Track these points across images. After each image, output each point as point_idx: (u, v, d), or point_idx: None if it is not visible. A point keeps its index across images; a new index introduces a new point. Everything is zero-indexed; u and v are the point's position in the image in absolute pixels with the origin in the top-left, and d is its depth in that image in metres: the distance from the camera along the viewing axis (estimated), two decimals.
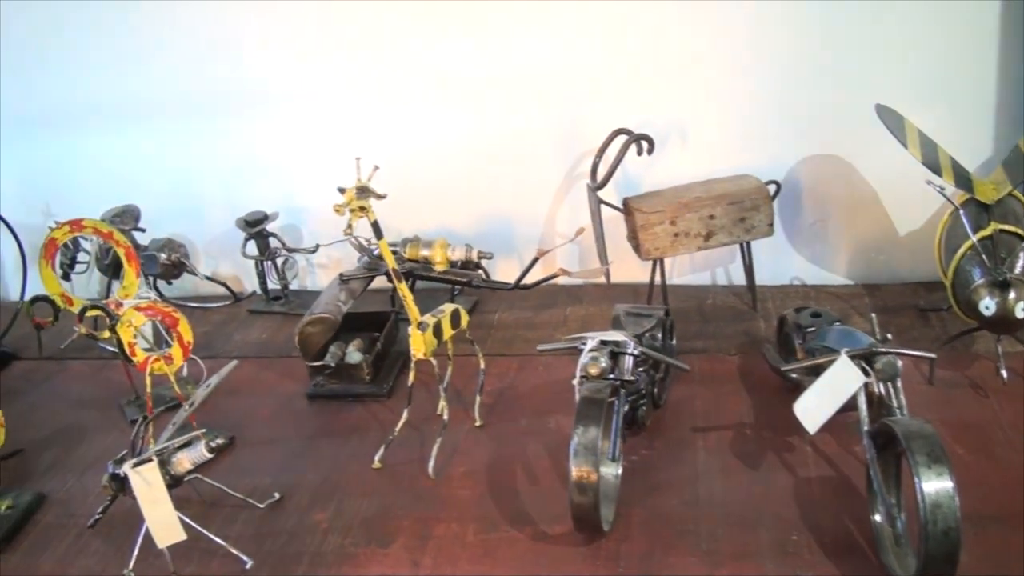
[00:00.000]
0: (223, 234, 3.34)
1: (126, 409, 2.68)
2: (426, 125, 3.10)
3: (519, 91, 3.02)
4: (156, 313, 2.36)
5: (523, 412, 2.52)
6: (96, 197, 3.37)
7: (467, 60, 3.00)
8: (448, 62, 3.02)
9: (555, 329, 2.93)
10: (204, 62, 3.16)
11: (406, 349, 2.78)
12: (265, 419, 2.58)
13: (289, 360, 2.87)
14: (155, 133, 3.29)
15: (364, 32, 3.04)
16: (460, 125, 3.08)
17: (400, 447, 2.37)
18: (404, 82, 3.08)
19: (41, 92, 3.33)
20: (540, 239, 3.15)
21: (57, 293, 2.57)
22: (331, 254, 3.27)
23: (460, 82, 3.04)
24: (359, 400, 2.64)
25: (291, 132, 3.20)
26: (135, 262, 2.54)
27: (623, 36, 2.92)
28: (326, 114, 3.15)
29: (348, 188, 2.17)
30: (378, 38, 3.04)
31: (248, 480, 2.31)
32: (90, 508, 2.29)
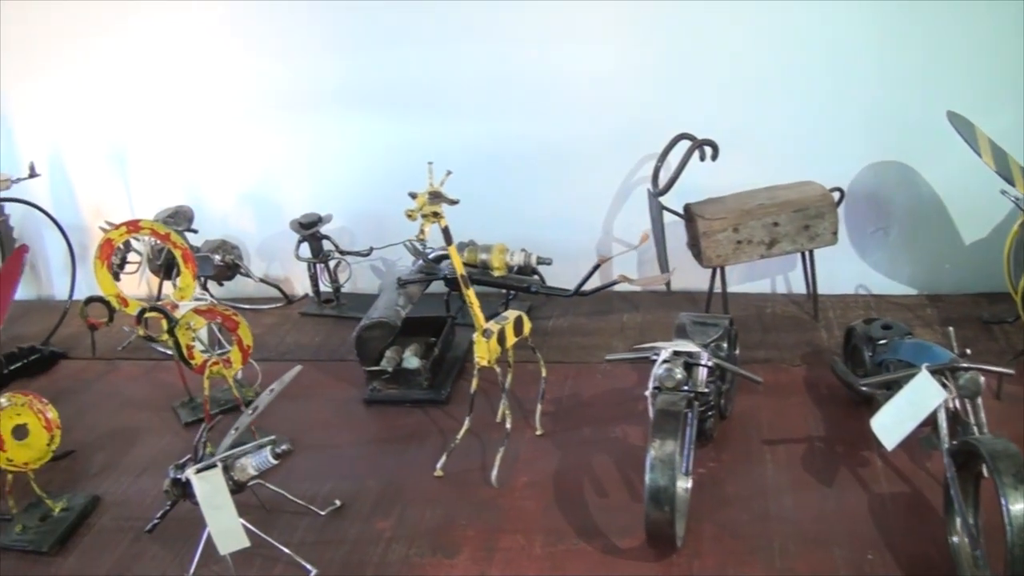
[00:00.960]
0: (274, 236, 3.32)
1: (179, 411, 2.65)
2: (483, 129, 3.06)
3: (578, 95, 2.98)
4: (216, 316, 2.33)
5: (585, 421, 2.47)
6: (145, 197, 3.39)
7: (526, 64, 2.97)
8: (507, 67, 2.99)
9: (612, 336, 2.89)
10: (259, 64, 3.15)
11: (462, 354, 2.79)
12: (322, 424, 2.55)
13: (343, 364, 2.84)
14: (204, 135, 3.28)
15: (422, 37, 3.01)
16: (518, 129, 3.04)
17: (460, 455, 2.33)
18: (460, 86, 3.05)
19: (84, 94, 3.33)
20: (597, 245, 3.11)
21: (112, 294, 2.54)
22: (385, 257, 3.24)
23: (519, 86, 3.00)
24: (417, 406, 2.60)
25: (347, 135, 3.17)
26: (192, 264, 2.51)
27: (684, 40, 2.88)
28: (382, 117, 3.12)
29: (420, 193, 2.13)
30: (436, 43, 3.01)
31: (308, 486, 2.27)
32: (146, 511, 2.27)
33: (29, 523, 2.26)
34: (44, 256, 3.55)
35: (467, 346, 2.81)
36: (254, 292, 3.28)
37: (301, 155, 3.24)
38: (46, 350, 2.75)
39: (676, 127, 2.81)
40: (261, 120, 3.21)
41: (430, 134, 3.08)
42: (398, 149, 3.13)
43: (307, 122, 3.19)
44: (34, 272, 3.54)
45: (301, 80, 3.13)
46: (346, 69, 3.10)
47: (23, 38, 3.30)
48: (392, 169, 3.15)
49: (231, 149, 3.27)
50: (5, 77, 3.37)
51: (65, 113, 3.36)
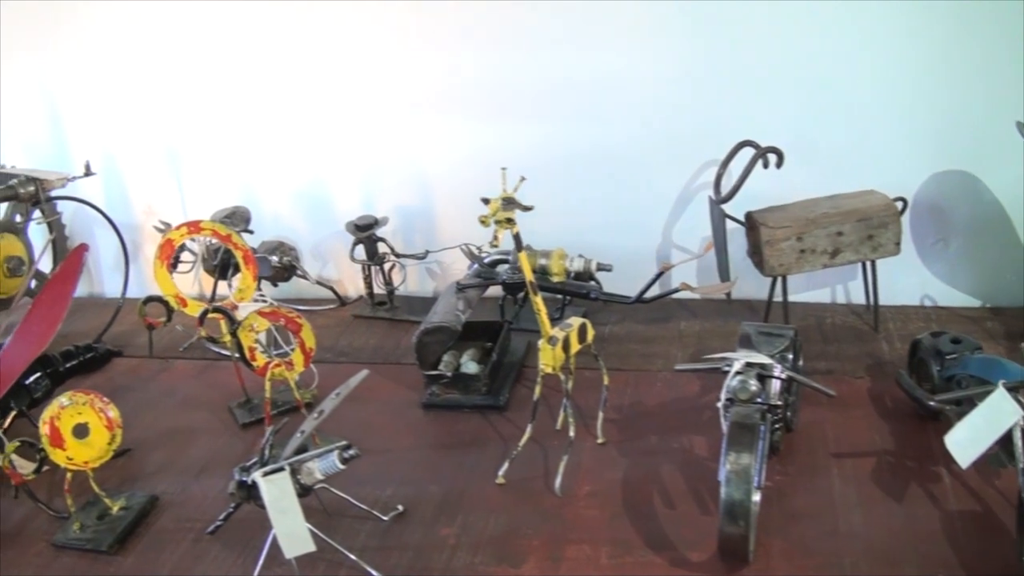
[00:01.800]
0: (327, 237, 3.31)
1: (236, 412, 2.64)
2: (541, 133, 3.03)
3: (638, 99, 2.95)
4: (279, 318, 2.32)
5: (647, 430, 2.44)
6: (198, 197, 3.39)
7: (585, 68, 2.94)
8: (565, 70, 2.96)
9: (670, 344, 2.86)
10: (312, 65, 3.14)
11: (519, 360, 2.76)
12: (380, 427, 2.53)
13: (398, 367, 2.82)
14: (259, 135, 3.28)
15: (478, 41, 3.00)
16: (577, 133, 3.01)
17: (522, 462, 2.30)
18: (517, 90, 3.02)
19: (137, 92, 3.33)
20: (656, 251, 3.08)
21: (172, 294, 2.53)
22: (440, 260, 3.23)
23: (578, 90, 2.97)
24: (475, 411, 2.57)
25: (401, 137, 3.16)
26: (253, 265, 2.50)
27: (746, 45, 2.84)
28: (437, 121, 3.11)
29: (493, 199, 2.11)
30: (491, 48, 3.00)
31: (369, 490, 2.25)
32: (206, 512, 2.26)
33: (87, 522, 2.25)
34: (95, 254, 3.56)
35: (523, 351, 2.80)
36: (307, 293, 3.26)
37: (355, 156, 3.22)
38: (102, 348, 2.74)
39: (737, 133, 2.79)
40: (315, 121, 3.21)
41: (486, 138, 3.07)
42: (453, 152, 3.12)
43: (361, 124, 3.17)
44: (85, 269, 3.54)
45: (355, 82, 3.13)
46: (401, 72, 3.08)
47: (77, 36, 3.31)
48: (446, 172, 3.16)
49: (285, 149, 3.27)
50: (59, 75, 3.38)
51: (119, 111, 3.37)
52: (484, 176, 3.00)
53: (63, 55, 3.36)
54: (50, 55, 3.38)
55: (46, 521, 2.31)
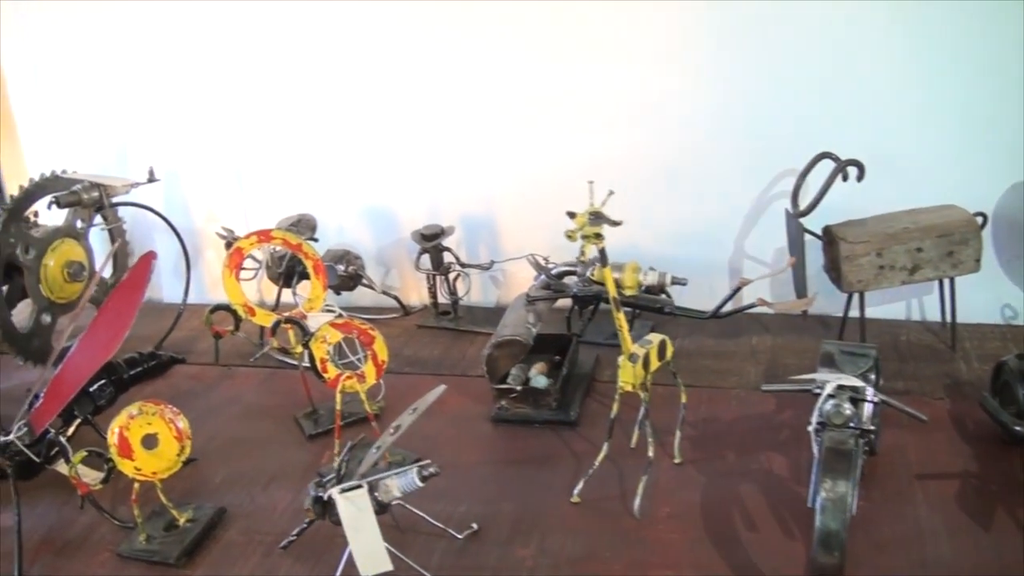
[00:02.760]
0: (389, 245, 3.29)
1: (303, 422, 2.60)
2: (610, 142, 2.98)
3: (708, 109, 2.89)
4: (352, 330, 2.28)
5: (725, 449, 2.37)
6: (259, 203, 3.36)
7: (655, 78, 2.89)
8: (634, 80, 2.91)
9: (743, 360, 2.79)
10: (375, 74, 3.11)
11: (588, 374, 2.71)
12: (449, 441, 2.48)
13: (464, 379, 2.77)
14: (322, 142, 3.25)
15: (546, 53, 2.96)
16: (644, 143, 2.96)
17: (597, 481, 2.24)
18: (587, 100, 2.97)
19: (199, 98, 3.32)
20: (729, 264, 3.02)
21: (240, 303, 2.50)
22: (505, 270, 3.18)
23: (645, 100, 2.92)
24: (545, 426, 2.52)
25: (465, 146, 3.13)
26: (323, 275, 2.46)
27: (824, 56, 2.78)
28: (503, 130, 3.07)
29: (579, 213, 2.05)
30: (561, 59, 2.95)
31: (441, 507, 2.19)
32: (275, 525, 2.22)
33: (154, 533, 2.22)
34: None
35: (591, 365, 2.74)
36: (369, 302, 3.23)
37: (419, 165, 3.19)
38: (166, 355, 2.71)
39: (811, 143, 2.72)
40: (379, 128, 3.17)
41: (552, 148, 3.03)
42: (518, 162, 3.08)
43: (426, 133, 3.14)
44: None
45: (421, 91, 3.09)
46: (466, 82, 3.05)
47: (138, 40, 3.30)
48: (512, 182, 3.11)
49: (349, 157, 3.24)
50: (121, 77, 3.37)
51: (179, 116, 3.36)
52: (550, 187, 3.00)
53: (120, 58, 3.35)
54: (108, 58, 3.38)
55: (110, 531, 2.28)
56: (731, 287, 2.58)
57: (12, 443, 2.34)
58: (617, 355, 2.65)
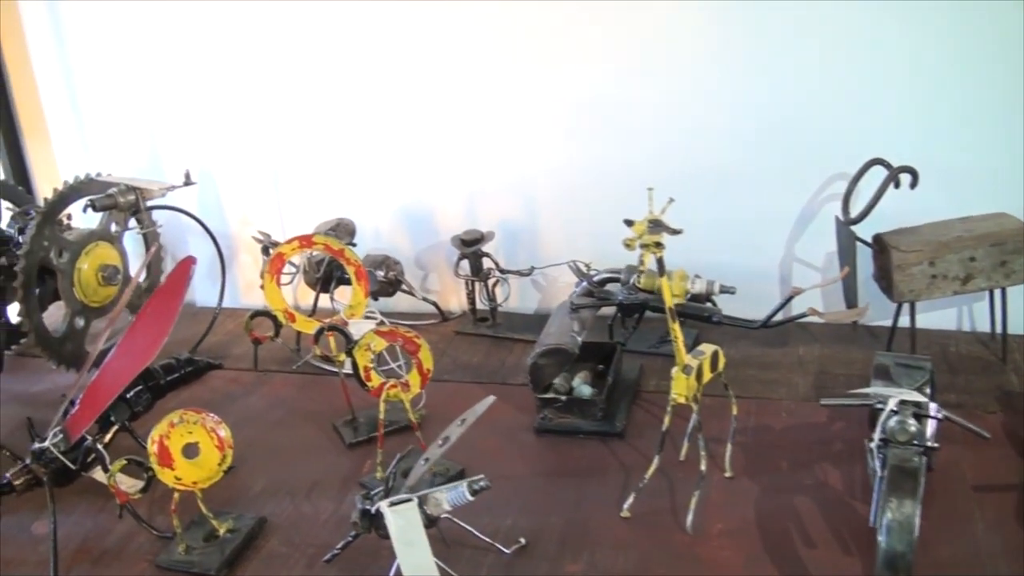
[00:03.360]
0: (426, 250, 3.25)
1: (342, 430, 2.56)
2: (654, 148, 2.92)
3: (755, 113, 2.83)
4: (397, 337, 2.23)
5: (777, 463, 2.31)
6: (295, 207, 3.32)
7: (699, 82, 2.84)
8: (678, 84, 2.86)
9: (791, 371, 2.73)
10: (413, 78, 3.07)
11: (633, 384, 2.65)
12: (492, 452, 2.42)
13: (505, 387, 2.72)
14: (358, 146, 3.21)
15: (587, 56, 2.91)
16: (688, 149, 2.90)
17: (646, 495, 2.17)
18: (627, 105, 2.92)
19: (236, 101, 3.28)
20: (778, 272, 2.97)
21: (280, 309, 2.45)
22: (546, 276, 3.13)
23: (690, 104, 2.87)
24: (590, 437, 2.46)
25: (503, 151, 3.08)
26: (365, 281, 2.41)
27: (870, 56, 2.72)
28: (544, 135, 3.02)
29: (638, 221, 2.00)
30: (603, 63, 2.90)
31: (487, 520, 2.14)
32: (317, 537, 2.18)
33: (193, 543, 2.18)
34: None
35: (636, 375, 2.69)
36: (406, 307, 3.18)
37: (458, 170, 3.14)
38: (203, 361, 2.67)
39: (860, 148, 2.67)
40: (417, 132, 3.13)
41: (594, 153, 2.98)
42: (559, 167, 3.02)
43: (464, 137, 3.10)
44: None
45: (459, 95, 3.05)
46: (506, 86, 3.00)
47: (175, 43, 3.27)
48: (552, 187, 3.06)
49: (386, 161, 3.20)
50: (154, 78, 3.34)
51: (213, 119, 3.33)
52: (591, 192, 2.94)
53: (153, 60, 3.33)
54: (141, 60, 3.35)
55: (148, 540, 2.24)
56: (781, 295, 2.53)
57: (48, 450, 2.30)
58: (660, 364, 2.61)
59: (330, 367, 2.73)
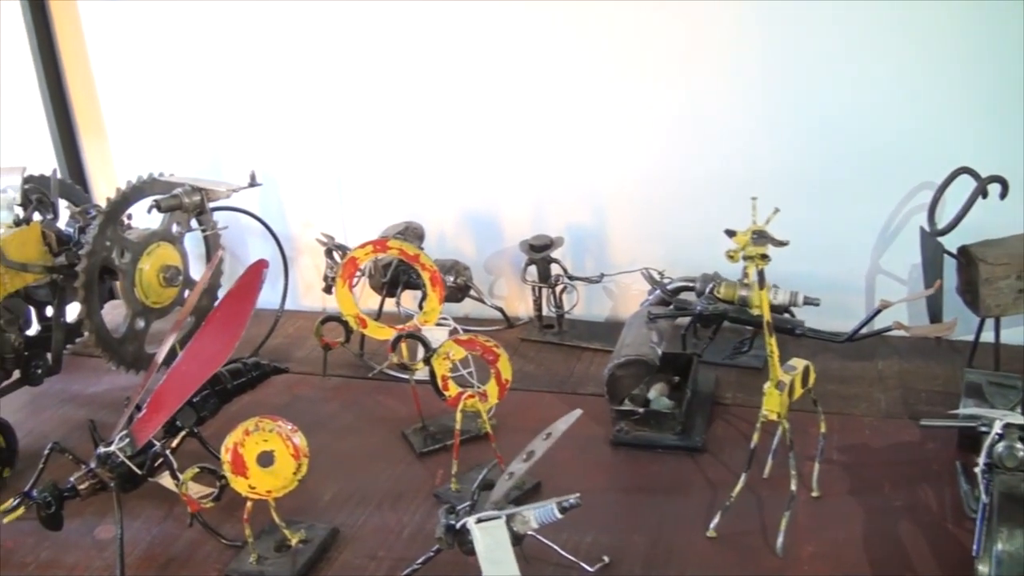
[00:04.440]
0: (493, 255, 3.20)
1: (411, 438, 2.51)
2: (724, 154, 2.85)
3: (836, 114, 2.76)
4: (476, 346, 2.18)
5: (863, 482, 2.23)
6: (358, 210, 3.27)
7: (783, 80, 2.77)
8: (754, 87, 2.79)
9: (871, 386, 2.65)
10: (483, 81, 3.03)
11: (710, 396, 2.58)
12: (569, 465, 2.35)
13: (575, 397, 2.66)
14: (424, 149, 3.16)
15: (667, 61, 2.85)
16: (764, 154, 2.83)
17: (731, 514, 2.10)
18: (700, 109, 2.85)
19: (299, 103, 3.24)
20: (863, 282, 2.89)
21: (352, 314, 2.40)
22: (616, 283, 3.06)
23: (765, 108, 2.80)
24: (668, 451, 2.39)
25: (573, 154, 3.01)
26: (440, 287, 2.35)
27: (958, 61, 2.65)
28: (616, 139, 2.96)
29: (740, 232, 1.93)
30: (680, 67, 2.84)
31: (566, 536, 2.08)
32: (391, 549, 2.12)
33: (264, 553, 2.13)
34: (246, 265, 3.46)
35: (711, 387, 2.62)
36: (470, 313, 3.13)
37: (525, 174, 3.09)
38: (269, 365, 2.62)
39: (950, 158, 2.58)
40: (484, 136, 3.08)
41: (666, 158, 2.91)
42: (630, 172, 2.96)
43: (532, 141, 3.04)
44: (233, 281, 3.45)
45: (525, 94, 2.99)
46: (575, 89, 2.94)
47: (236, 42, 3.25)
48: (622, 192, 3.00)
49: (451, 164, 3.15)
50: (214, 77, 3.32)
51: (277, 120, 3.29)
52: (664, 197, 2.88)
53: (214, 59, 3.30)
54: (201, 59, 3.33)
55: (216, 548, 2.20)
56: (863, 307, 2.46)
57: (113, 454, 2.25)
58: (735, 376, 2.55)
59: (400, 374, 2.68)
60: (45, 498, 2.14)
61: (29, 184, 2.93)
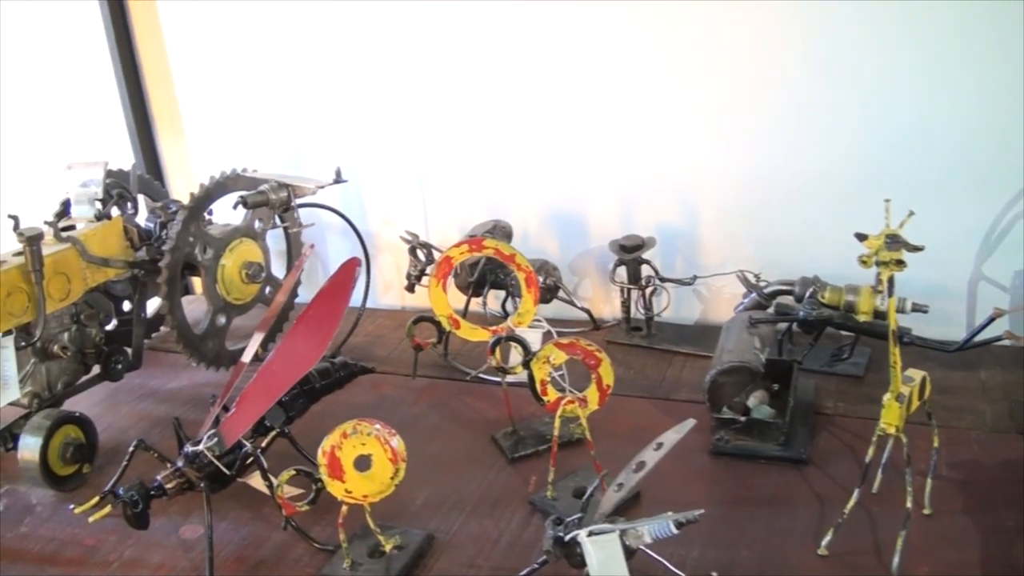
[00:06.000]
0: (579, 256, 3.13)
1: (502, 442, 2.45)
2: (820, 156, 2.77)
3: (939, 114, 2.67)
4: (577, 351, 2.12)
5: (977, 501, 2.13)
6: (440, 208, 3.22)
7: (879, 84, 2.68)
8: (857, 86, 2.70)
9: (975, 397, 2.55)
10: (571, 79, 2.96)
11: (811, 405, 2.49)
12: (668, 474, 2.26)
13: (669, 403, 2.60)
14: (508, 148, 3.12)
15: (764, 58, 2.76)
16: (862, 156, 2.74)
17: (844, 531, 2.01)
18: (798, 107, 2.77)
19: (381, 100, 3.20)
20: (966, 289, 2.79)
21: (445, 315, 2.35)
22: (708, 285, 2.99)
23: (865, 108, 2.71)
24: (771, 463, 2.31)
25: (661, 154, 2.94)
26: (535, 288, 2.29)
27: None
28: (699, 138, 2.88)
29: (872, 236, 1.85)
30: (776, 65, 2.76)
31: (672, 549, 2.00)
32: (489, 557, 2.07)
33: (358, 558, 2.09)
34: (324, 262, 3.45)
35: (811, 395, 2.53)
36: (550, 313, 3.07)
37: (613, 172, 3.02)
38: (357, 364, 2.58)
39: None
40: (569, 132, 3.02)
41: (760, 158, 2.83)
42: (722, 169, 2.88)
43: (619, 135, 2.97)
44: (312, 278, 3.44)
45: (613, 91, 2.92)
46: (665, 85, 2.88)
47: (316, 38, 3.23)
48: (714, 192, 2.92)
49: (537, 162, 3.09)
50: (291, 74, 3.29)
51: (358, 116, 3.25)
52: (760, 197, 2.80)
53: (293, 55, 3.28)
54: (280, 56, 3.31)
55: (306, 552, 2.16)
56: (967, 315, 2.36)
57: (202, 453, 2.22)
58: (834, 384, 2.47)
59: (492, 376, 2.63)
60: (132, 497, 2.10)
61: (110, 179, 2.92)
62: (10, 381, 2.53)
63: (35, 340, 2.59)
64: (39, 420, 2.50)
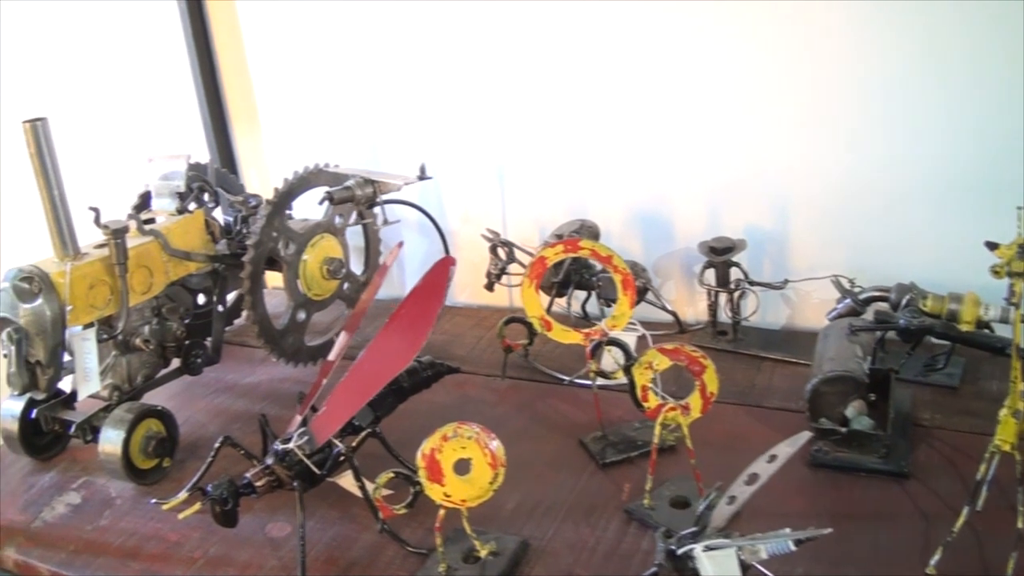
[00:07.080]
0: (662, 257, 3.09)
1: (591, 447, 2.42)
2: (913, 156, 2.69)
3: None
4: (681, 356, 2.08)
5: None
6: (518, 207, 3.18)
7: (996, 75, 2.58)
8: (951, 83, 2.62)
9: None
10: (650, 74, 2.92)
11: (909, 416, 2.43)
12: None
13: (761, 411, 2.54)
14: (590, 146, 3.08)
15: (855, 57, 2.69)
16: (953, 155, 2.66)
17: (952, 550, 1.95)
18: (890, 107, 2.69)
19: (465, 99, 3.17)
20: None
21: (537, 316, 2.32)
22: (798, 290, 2.94)
23: (961, 106, 2.63)
24: (871, 476, 2.25)
25: (759, 154, 2.88)
26: (632, 291, 2.26)
27: None
28: (806, 139, 2.81)
29: (1004, 245, 1.80)
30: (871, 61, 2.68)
31: (778, 565, 1.91)
32: (588, 566, 2.03)
33: (452, 563, 2.06)
34: (399, 259, 3.43)
35: (908, 406, 2.47)
36: (635, 315, 3.03)
37: (700, 173, 2.97)
38: (443, 364, 2.55)
39: None
40: (655, 130, 2.97)
41: (858, 155, 2.75)
42: (814, 170, 2.82)
43: (707, 134, 2.92)
44: (391, 275, 3.42)
45: (701, 87, 2.87)
46: (758, 85, 2.82)
47: (394, 37, 3.21)
48: (805, 191, 2.86)
49: (620, 162, 3.04)
50: (370, 71, 3.28)
51: (439, 114, 3.24)
52: (854, 199, 2.74)
53: (371, 52, 3.27)
54: (359, 52, 3.31)
55: (397, 554, 2.15)
56: None
57: (292, 452, 2.21)
58: (930, 395, 2.43)
59: (585, 380, 2.60)
60: (221, 494, 2.10)
61: (192, 172, 2.92)
62: (91, 374, 2.53)
63: (117, 333, 2.59)
64: (121, 413, 2.50)
